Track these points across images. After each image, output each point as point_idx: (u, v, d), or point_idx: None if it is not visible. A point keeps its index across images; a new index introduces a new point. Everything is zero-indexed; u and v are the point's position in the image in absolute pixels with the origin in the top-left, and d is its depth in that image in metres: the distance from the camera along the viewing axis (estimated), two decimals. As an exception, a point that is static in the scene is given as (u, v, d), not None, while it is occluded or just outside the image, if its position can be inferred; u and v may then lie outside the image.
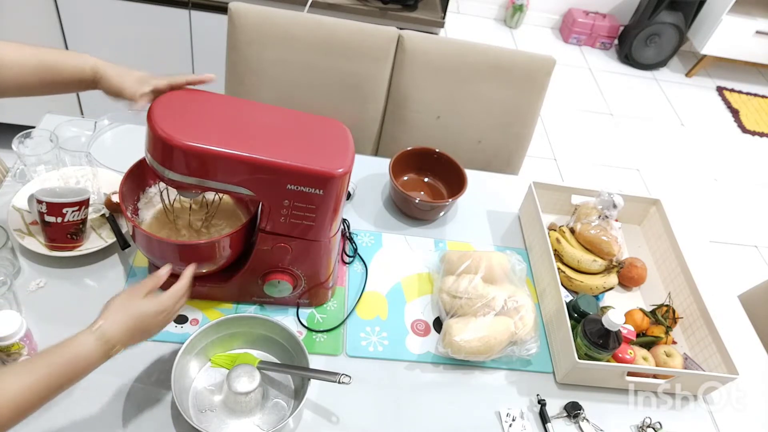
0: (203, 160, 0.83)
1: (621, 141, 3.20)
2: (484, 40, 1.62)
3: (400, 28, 1.53)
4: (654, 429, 1.03)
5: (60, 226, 1.01)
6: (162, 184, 1.04)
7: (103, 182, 1.16)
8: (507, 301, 1.07)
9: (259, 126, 0.92)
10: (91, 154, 1.19)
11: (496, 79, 1.55)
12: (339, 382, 0.90)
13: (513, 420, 0.99)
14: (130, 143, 1.31)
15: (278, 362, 0.98)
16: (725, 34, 3.52)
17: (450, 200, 1.28)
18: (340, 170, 0.87)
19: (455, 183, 1.32)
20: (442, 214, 1.32)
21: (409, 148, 1.35)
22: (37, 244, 1.04)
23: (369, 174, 1.38)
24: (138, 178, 1.01)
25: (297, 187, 0.87)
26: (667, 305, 1.21)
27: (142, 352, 0.96)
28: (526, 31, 3.88)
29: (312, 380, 0.91)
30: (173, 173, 0.84)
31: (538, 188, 1.31)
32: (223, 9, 1.67)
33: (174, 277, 1.01)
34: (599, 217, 1.25)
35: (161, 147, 0.83)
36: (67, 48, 1.92)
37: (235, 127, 0.89)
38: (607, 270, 1.23)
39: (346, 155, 0.91)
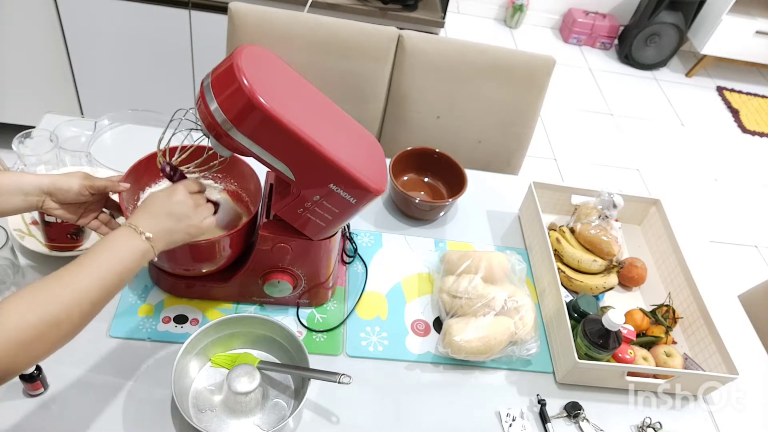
0: (276, 131, 0.80)
1: (621, 141, 3.20)
2: (484, 40, 1.63)
3: (400, 28, 1.53)
4: (654, 429, 1.03)
5: (60, 226, 1.01)
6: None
7: (103, 182, 1.16)
8: (507, 301, 1.07)
9: (322, 115, 0.91)
10: (91, 154, 1.19)
11: (496, 79, 1.55)
12: (339, 382, 0.90)
13: (513, 420, 0.99)
14: (130, 143, 1.31)
15: (278, 362, 0.98)
16: (725, 34, 3.53)
17: (450, 200, 1.28)
18: (380, 188, 0.88)
19: (455, 183, 1.32)
20: (442, 214, 1.32)
21: (409, 148, 1.35)
22: (37, 244, 1.04)
23: (369, 174, 1.38)
24: (138, 178, 1.01)
25: (338, 189, 0.86)
26: (667, 305, 1.21)
27: (142, 352, 0.96)
28: (526, 31, 3.88)
29: (312, 380, 0.91)
30: (237, 132, 0.80)
31: (538, 188, 1.31)
32: (223, 9, 1.67)
33: (177, 277, 1.02)
34: (599, 217, 1.25)
35: (242, 103, 0.77)
36: (67, 49, 1.92)
37: (306, 108, 0.88)
38: (607, 270, 1.23)
39: (385, 175, 0.95)
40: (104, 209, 0.97)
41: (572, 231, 1.27)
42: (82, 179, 0.88)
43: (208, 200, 0.91)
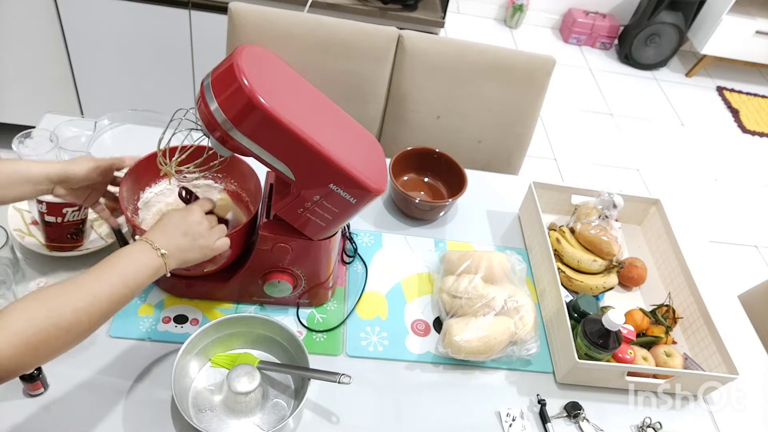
0: (276, 131, 0.80)
1: (621, 141, 3.20)
2: (484, 40, 1.63)
3: (400, 28, 1.53)
4: (654, 429, 1.03)
5: (60, 226, 1.01)
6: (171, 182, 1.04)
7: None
8: (507, 301, 1.07)
9: (322, 115, 0.92)
10: (91, 154, 1.19)
11: (496, 79, 1.55)
12: (339, 382, 0.90)
13: (513, 420, 0.99)
14: (130, 143, 1.31)
15: (278, 362, 0.98)
16: (725, 34, 3.53)
17: (450, 200, 1.28)
18: (380, 188, 0.88)
19: (455, 183, 1.32)
20: (442, 214, 1.32)
21: (409, 148, 1.35)
22: (37, 244, 1.04)
23: (369, 174, 1.38)
24: (138, 178, 1.01)
25: (338, 189, 0.86)
26: (667, 305, 1.21)
27: (143, 351, 0.96)
28: (526, 31, 3.88)
29: (312, 380, 0.91)
30: (237, 132, 0.80)
31: (538, 188, 1.31)
32: (223, 9, 1.67)
33: (177, 277, 1.02)
34: (599, 217, 1.25)
35: (242, 103, 0.78)
36: (67, 49, 1.93)
37: (306, 108, 0.89)
38: (607, 270, 1.23)
39: (385, 175, 0.95)
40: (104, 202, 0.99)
41: (572, 231, 1.27)
42: (88, 162, 0.92)
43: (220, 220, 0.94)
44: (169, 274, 0.83)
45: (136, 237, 0.85)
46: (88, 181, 0.92)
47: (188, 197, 0.94)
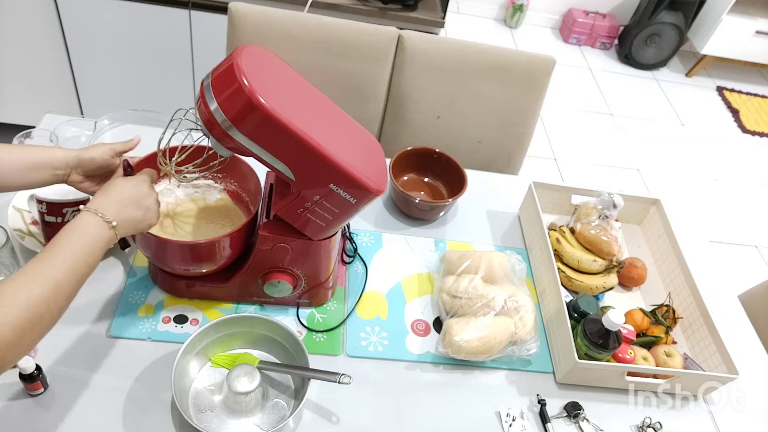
0: (276, 131, 0.80)
1: (621, 141, 3.20)
2: (484, 40, 1.63)
3: (400, 28, 1.53)
4: (654, 429, 1.03)
5: (60, 226, 1.00)
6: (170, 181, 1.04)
7: (103, 182, 1.15)
8: (507, 301, 1.07)
9: (322, 115, 0.92)
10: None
11: (496, 79, 1.55)
12: (339, 382, 0.90)
13: (513, 420, 0.99)
14: (130, 143, 1.31)
15: (278, 362, 0.98)
16: (725, 34, 3.53)
17: (450, 200, 1.28)
18: (380, 188, 0.88)
19: (455, 183, 1.32)
20: (442, 214, 1.32)
21: (409, 148, 1.35)
22: (37, 244, 1.04)
23: (369, 174, 1.38)
24: (138, 178, 1.01)
25: (338, 189, 0.86)
26: (667, 305, 1.21)
27: (142, 352, 0.96)
28: (526, 31, 3.88)
29: (312, 380, 0.91)
30: (237, 132, 0.80)
31: (538, 188, 1.31)
32: (223, 9, 1.67)
33: (177, 277, 1.02)
34: (599, 217, 1.25)
35: (242, 103, 0.78)
36: (67, 48, 1.93)
37: (306, 108, 0.89)
38: (607, 270, 1.23)
39: (385, 175, 0.95)
40: None
41: (572, 231, 1.27)
42: (102, 147, 0.93)
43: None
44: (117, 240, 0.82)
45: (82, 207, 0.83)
46: (103, 167, 0.93)
47: (130, 171, 0.93)
